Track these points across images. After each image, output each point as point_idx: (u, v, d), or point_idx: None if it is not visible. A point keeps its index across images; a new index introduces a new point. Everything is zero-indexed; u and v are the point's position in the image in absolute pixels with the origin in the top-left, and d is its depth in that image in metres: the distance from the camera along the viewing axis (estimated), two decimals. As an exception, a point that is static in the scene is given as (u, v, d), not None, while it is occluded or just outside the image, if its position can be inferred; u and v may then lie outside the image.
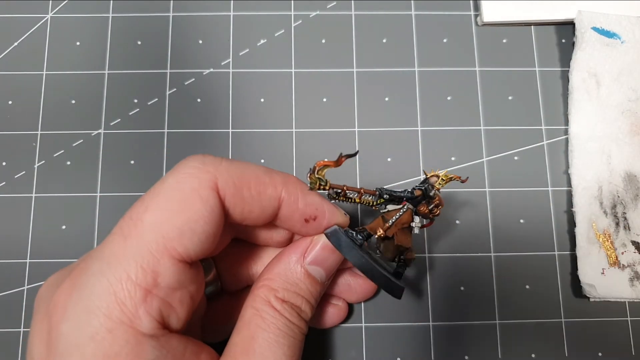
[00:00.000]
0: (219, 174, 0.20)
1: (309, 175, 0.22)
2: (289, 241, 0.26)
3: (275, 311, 0.22)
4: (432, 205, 0.24)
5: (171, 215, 0.19)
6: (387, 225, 0.23)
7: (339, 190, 0.23)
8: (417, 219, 0.24)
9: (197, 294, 0.21)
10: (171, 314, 0.19)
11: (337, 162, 0.22)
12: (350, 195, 0.23)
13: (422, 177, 0.24)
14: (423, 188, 0.24)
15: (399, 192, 0.24)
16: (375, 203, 0.24)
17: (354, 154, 0.22)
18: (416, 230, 0.24)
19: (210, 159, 0.21)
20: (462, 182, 0.24)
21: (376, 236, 0.23)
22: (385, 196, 0.24)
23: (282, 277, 0.23)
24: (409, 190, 0.24)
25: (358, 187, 0.24)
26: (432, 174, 0.24)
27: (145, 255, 0.18)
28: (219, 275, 0.26)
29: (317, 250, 0.23)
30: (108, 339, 0.18)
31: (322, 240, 0.23)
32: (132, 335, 0.18)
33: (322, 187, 0.22)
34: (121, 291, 0.18)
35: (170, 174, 0.20)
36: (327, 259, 0.24)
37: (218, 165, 0.20)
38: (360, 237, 0.23)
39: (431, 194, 0.24)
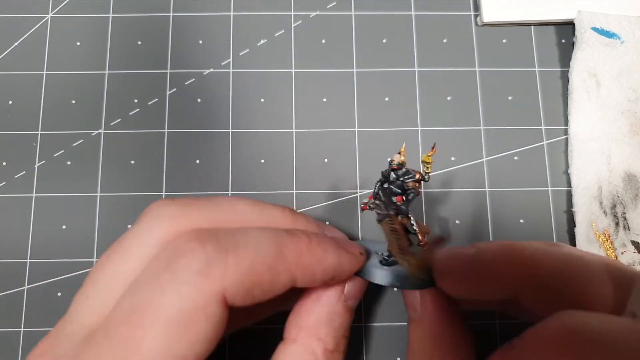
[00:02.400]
0: (228, 282, 0.17)
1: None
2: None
3: None
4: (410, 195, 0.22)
5: (172, 343, 0.17)
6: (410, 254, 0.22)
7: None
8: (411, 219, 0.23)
9: None
10: None
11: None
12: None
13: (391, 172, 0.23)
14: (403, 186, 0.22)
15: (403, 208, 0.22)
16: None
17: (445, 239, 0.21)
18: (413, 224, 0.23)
19: (214, 259, 0.17)
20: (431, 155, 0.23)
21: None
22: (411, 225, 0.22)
23: (327, 324, 0.21)
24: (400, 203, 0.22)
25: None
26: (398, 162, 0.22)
27: None
28: None
29: (356, 284, 0.22)
30: None
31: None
32: None
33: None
34: None
35: (170, 282, 0.17)
36: (362, 289, 0.23)
37: (225, 268, 0.17)
38: (389, 263, 0.23)
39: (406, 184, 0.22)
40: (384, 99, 0.32)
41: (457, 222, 0.31)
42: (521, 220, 0.31)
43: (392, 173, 0.23)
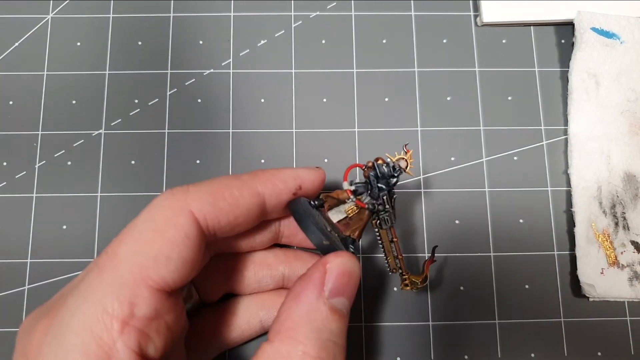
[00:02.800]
0: (190, 199, 0.20)
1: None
2: (273, 240, 0.26)
3: None
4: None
5: (145, 245, 0.19)
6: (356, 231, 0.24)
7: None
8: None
9: (174, 323, 0.20)
10: (149, 344, 0.19)
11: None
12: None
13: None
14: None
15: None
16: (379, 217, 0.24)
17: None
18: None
19: (177, 189, 0.21)
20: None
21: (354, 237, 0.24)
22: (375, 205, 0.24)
23: (307, 324, 0.19)
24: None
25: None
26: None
27: (121, 287, 0.18)
28: (196, 287, 0.26)
29: (336, 277, 0.20)
30: None
31: (337, 263, 0.21)
32: None
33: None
34: (97, 325, 0.18)
35: (143, 211, 0.20)
36: (349, 284, 0.21)
37: (186, 193, 0.20)
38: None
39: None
40: (384, 99, 0.32)
41: (457, 222, 0.31)
42: (521, 220, 0.31)
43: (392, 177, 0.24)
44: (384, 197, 0.23)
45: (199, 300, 0.26)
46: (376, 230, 0.24)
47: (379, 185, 0.23)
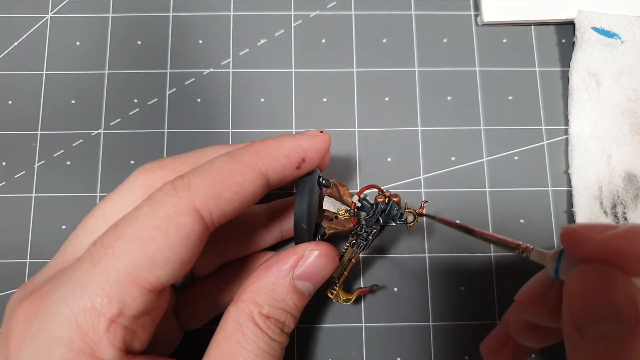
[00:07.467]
0: (194, 194, 0.19)
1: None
2: (279, 239, 0.28)
3: (258, 329, 0.21)
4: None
5: (143, 244, 0.18)
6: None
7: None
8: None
9: (159, 316, 0.20)
10: (134, 340, 0.19)
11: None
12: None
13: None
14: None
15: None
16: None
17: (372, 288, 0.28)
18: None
19: (178, 184, 0.20)
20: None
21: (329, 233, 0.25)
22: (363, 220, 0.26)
23: (269, 292, 0.22)
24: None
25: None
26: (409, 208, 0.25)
27: (113, 284, 0.18)
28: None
29: (308, 265, 0.23)
30: None
31: (314, 254, 0.23)
32: None
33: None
34: (84, 321, 0.17)
35: (145, 203, 0.19)
36: (318, 274, 0.23)
37: (188, 187, 0.19)
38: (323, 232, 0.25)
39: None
40: (384, 99, 0.32)
41: (458, 222, 0.31)
42: (521, 220, 0.31)
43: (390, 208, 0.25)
44: (374, 230, 0.25)
45: (191, 276, 0.26)
46: (347, 244, 0.26)
47: (379, 218, 0.25)
